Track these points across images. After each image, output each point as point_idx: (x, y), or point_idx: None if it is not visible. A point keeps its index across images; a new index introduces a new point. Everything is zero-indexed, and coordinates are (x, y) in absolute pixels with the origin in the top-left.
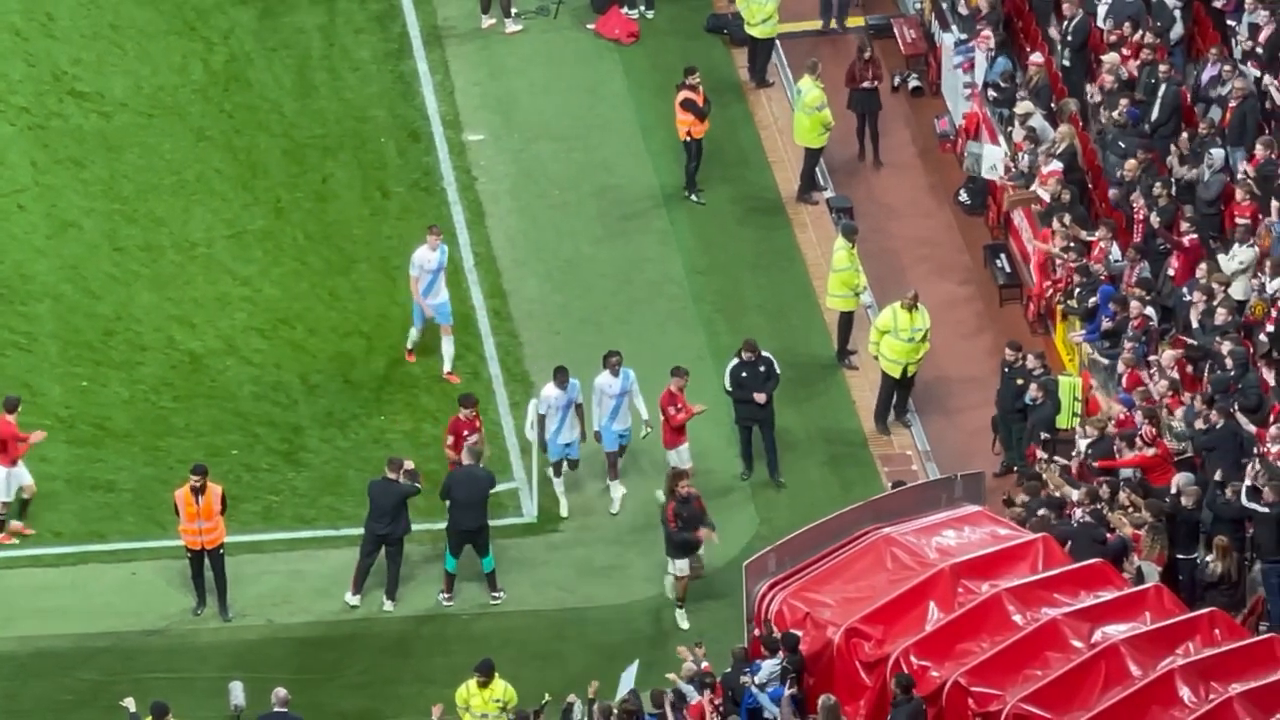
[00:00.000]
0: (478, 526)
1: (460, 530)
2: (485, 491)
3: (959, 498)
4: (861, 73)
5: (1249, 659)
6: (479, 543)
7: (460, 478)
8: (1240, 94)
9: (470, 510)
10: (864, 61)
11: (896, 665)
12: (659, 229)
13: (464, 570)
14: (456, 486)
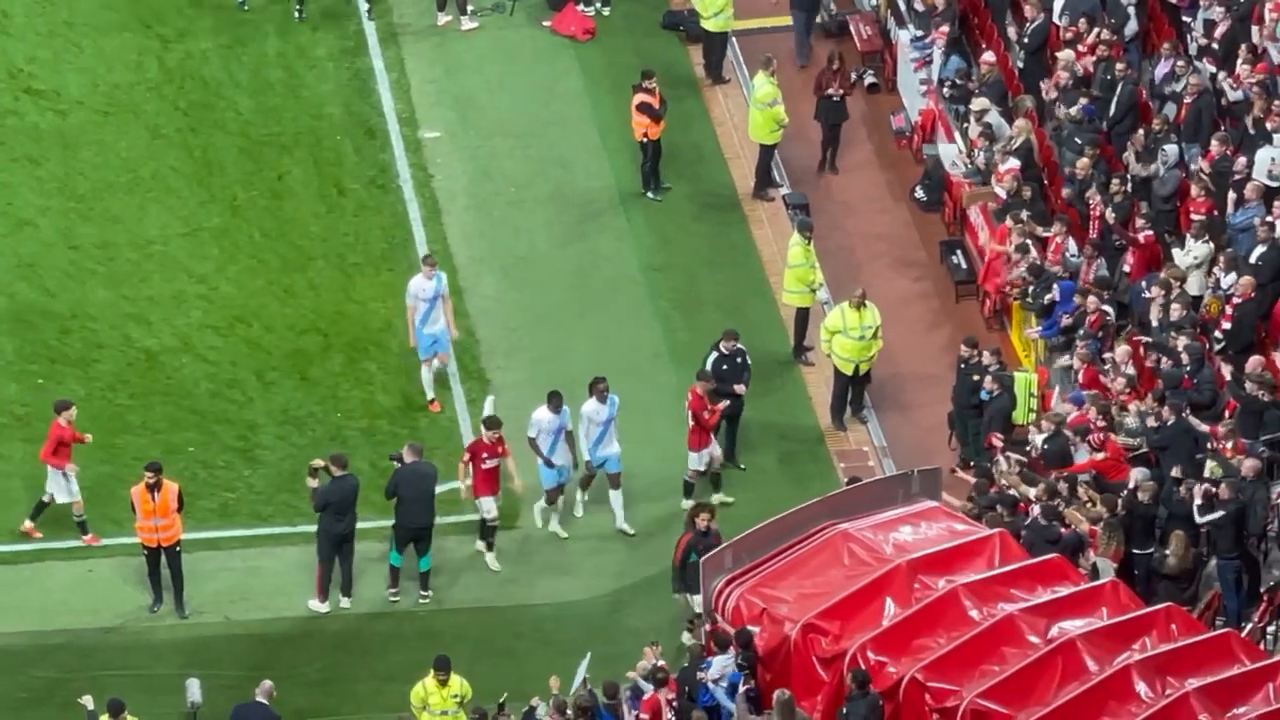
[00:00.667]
0: (426, 524)
1: (409, 527)
2: (432, 487)
3: (916, 493)
4: (829, 82)
5: (1205, 654)
6: (422, 541)
7: (407, 474)
8: (1195, 90)
9: (418, 506)
10: (832, 71)
11: (853, 661)
12: (615, 226)
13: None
14: (404, 484)
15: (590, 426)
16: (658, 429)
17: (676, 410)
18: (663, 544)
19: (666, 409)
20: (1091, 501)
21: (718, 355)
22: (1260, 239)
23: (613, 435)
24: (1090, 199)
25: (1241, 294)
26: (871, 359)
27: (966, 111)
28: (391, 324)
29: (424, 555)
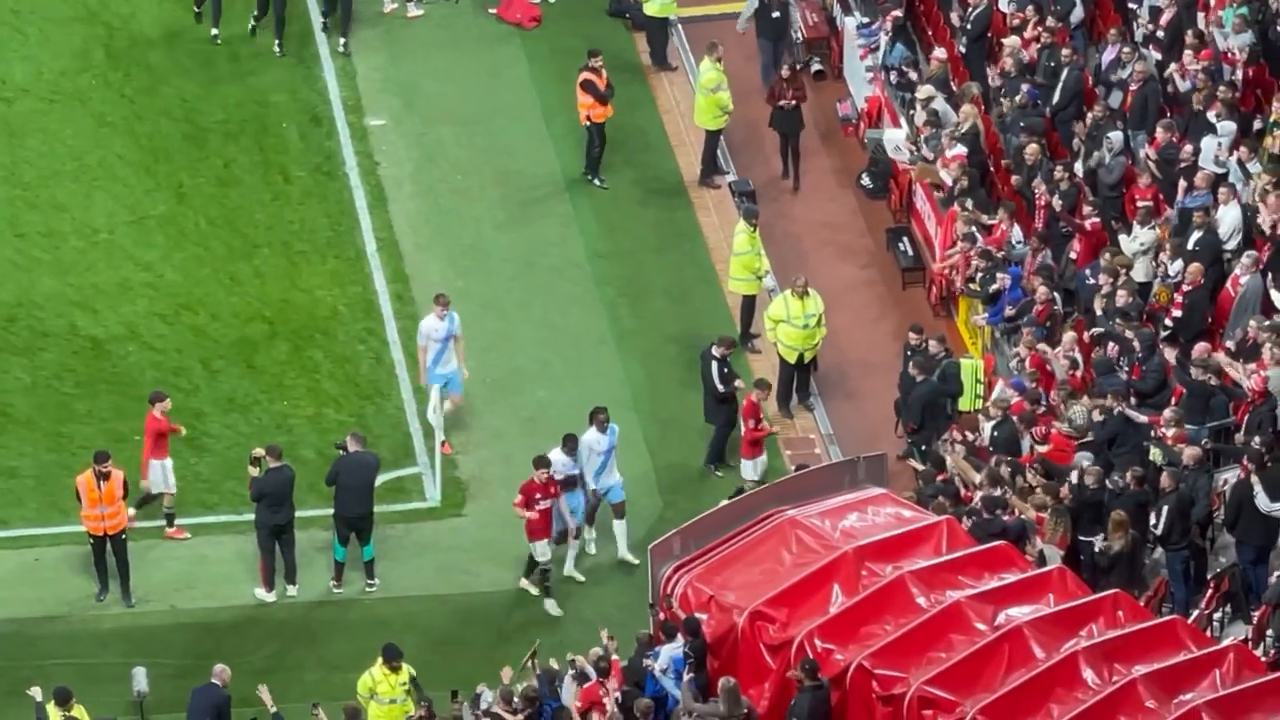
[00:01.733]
0: (364, 513)
1: (348, 516)
2: (372, 477)
3: (862, 480)
4: (783, 91)
5: (1152, 641)
6: (363, 530)
7: (347, 463)
8: (1141, 76)
9: (357, 495)
10: (785, 81)
11: (801, 648)
12: (561, 213)
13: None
14: (344, 472)
15: (592, 455)
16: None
17: (623, 398)
18: (606, 530)
19: (613, 396)
20: (1038, 488)
21: (719, 359)
22: (1198, 225)
23: (613, 465)
24: (1036, 187)
25: (1191, 281)
26: (816, 346)
27: (912, 99)
28: (338, 311)
29: (366, 544)
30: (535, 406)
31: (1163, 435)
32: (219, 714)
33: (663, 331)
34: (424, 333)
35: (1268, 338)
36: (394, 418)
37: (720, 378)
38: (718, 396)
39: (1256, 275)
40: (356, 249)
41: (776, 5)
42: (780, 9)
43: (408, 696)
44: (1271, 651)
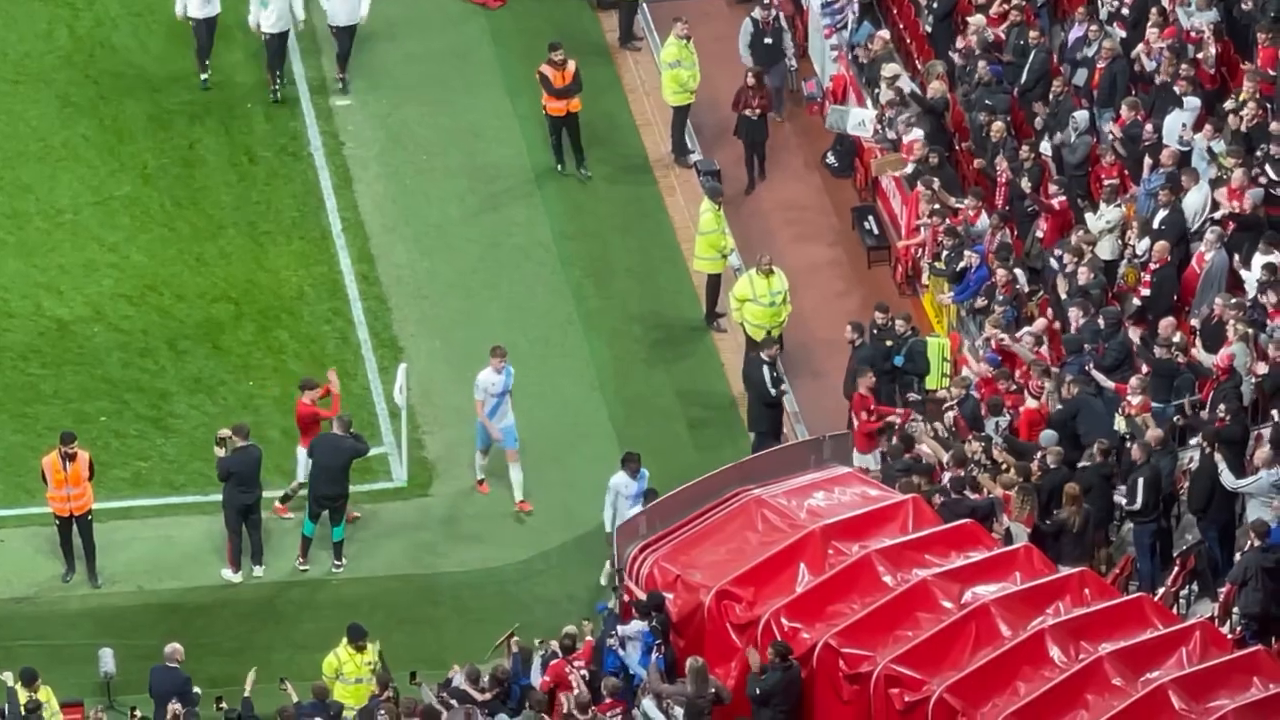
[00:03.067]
0: (337, 493)
1: (321, 495)
2: (347, 459)
3: (828, 459)
4: (748, 100)
5: (1118, 619)
6: (335, 510)
7: (323, 443)
8: (1109, 54)
9: (331, 476)
10: (750, 88)
11: (767, 627)
12: (526, 194)
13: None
14: (319, 452)
15: (620, 499)
16: (569, 396)
17: (586, 378)
18: (575, 510)
19: (578, 376)
20: (1006, 466)
21: (769, 365)
22: (1162, 203)
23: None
24: (998, 164)
25: (1158, 260)
26: (782, 324)
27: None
28: (304, 292)
29: (337, 525)
30: None
31: (1128, 404)
32: (184, 697)
33: (628, 311)
34: (481, 386)
35: (1232, 314)
36: (360, 398)
37: (772, 382)
38: (767, 401)
39: (1221, 251)
40: (322, 229)
41: (769, 31)
42: (773, 35)
43: (374, 676)
44: (1238, 629)
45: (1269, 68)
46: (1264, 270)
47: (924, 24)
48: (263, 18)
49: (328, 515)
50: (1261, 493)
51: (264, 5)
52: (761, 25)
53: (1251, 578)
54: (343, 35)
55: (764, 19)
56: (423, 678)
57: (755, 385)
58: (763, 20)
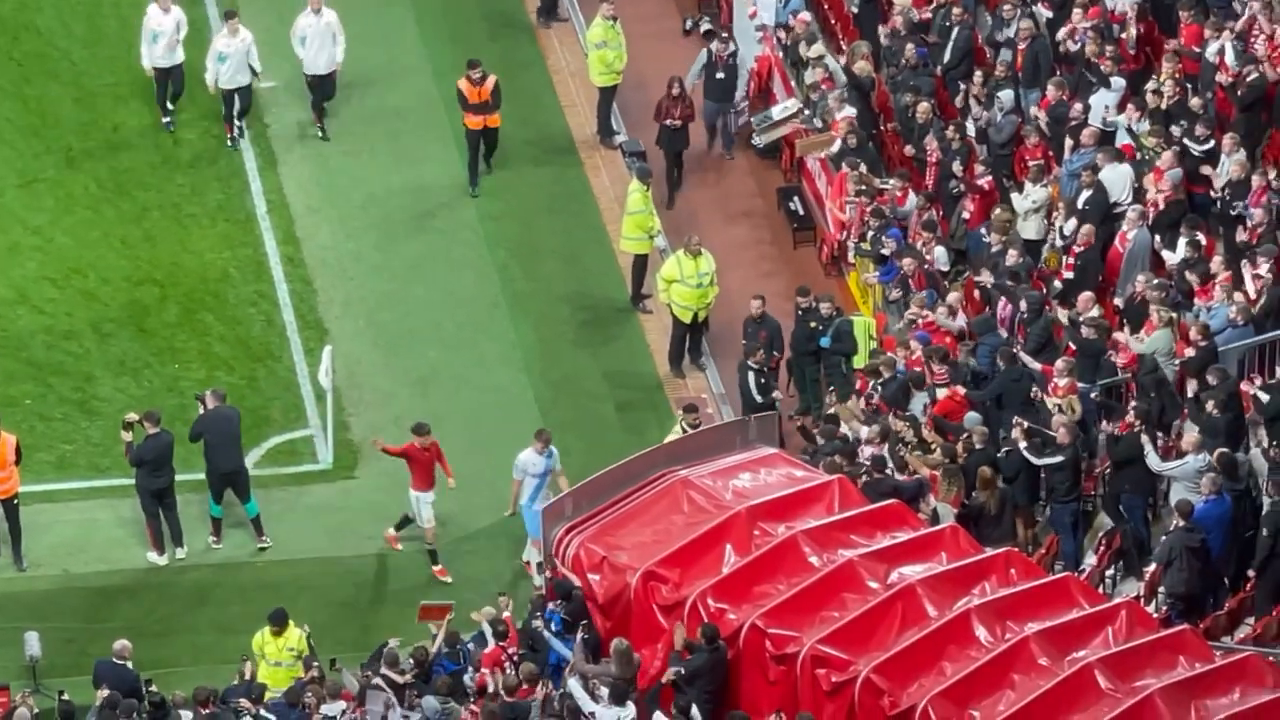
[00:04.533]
0: (235, 468)
1: (219, 473)
2: (236, 430)
3: (754, 440)
4: (670, 110)
5: (1044, 598)
6: (239, 486)
7: (209, 418)
8: (1028, 35)
9: (225, 451)
10: (673, 98)
11: (694, 608)
12: (452, 175)
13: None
14: (209, 429)
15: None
16: (495, 379)
17: (512, 360)
18: (501, 492)
19: (504, 358)
20: (936, 447)
21: (755, 372)
22: (1086, 183)
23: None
24: (927, 145)
25: (1083, 242)
26: (709, 306)
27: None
28: (229, 274)
29: (247, 501)
30: (427, 368)
31: (1054, 386)
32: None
33: (554, 292)
34: (520, 466)
35: (1155, 296)
36: (286, 380)
37: (759, 389)
38: (753, 407)
39: (1144, 230)
40: (247, 212)
41: (722, 66)
42: (726, 71)
43: (296, 660)
44: (1163, 608)
45: (1192, 45)
46: (1187, 248)
47: (850, 5)
48: (221, 71)
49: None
50: (1187, 477)
51: (221, 60)
52: (714, 59)
53: (1176, 557)
54: (318, 84)
55: (719, 53)
56: (343, 663)
57: (742, 392)
58: (717, 54)
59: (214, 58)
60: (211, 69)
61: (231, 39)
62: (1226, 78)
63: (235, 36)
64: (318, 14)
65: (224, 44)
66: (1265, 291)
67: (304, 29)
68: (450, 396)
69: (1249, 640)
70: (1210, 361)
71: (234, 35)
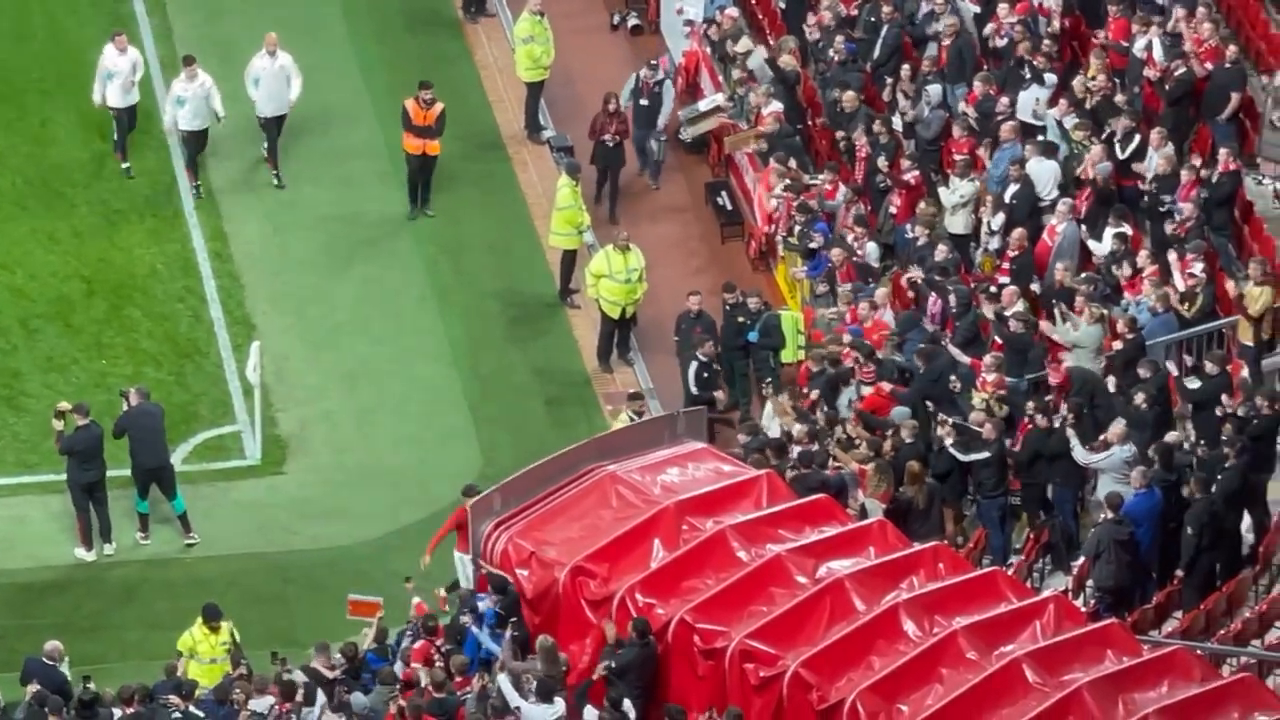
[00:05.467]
0: (159, 464)
1: (144, 469)
2: (161, 426)
3: (682, 434)
4: (605, 125)
5: (972, 593)
6: (164, 482)
7: (133, 415)
8: (953, 31)
9: (151, 446)
10: (608, 114)
11: (622, 603)
12: (379, 170)
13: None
14: (134, 425)
15: None
16: (423, 374)
17: (441, 355)
18: (430, 487)
19: (433, 353)
20: (862, 442)
21: (699, 364)
22: (1014, 178)
23: None
24: (856, 140)
25: (1016, 246)
26: (637, 301)
27: (732, 54)
28: (155, 270)
29: (173, 497)
30: (355, 362)
31: (984, 381)
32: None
33: (482, 287)
34: None
35: (1085, 291)
36: (213, 375)
37: (698, 381)
38: (691, 400)
39: (1072, 223)
40: (174, 207)
41: (647, 93)
42: (650, 98)
43: (228, 656)
44: (1091, 602)
45: (1120, 39)
46: (1115, 240)
47: (777, 0)
48: (180, 116)
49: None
50: (1114, 468)
51: (180, 104)
52: (641, 84)
53: (1105, 550)
54: (271, 126)
55: (645, 79)
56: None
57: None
58: (644, 80)
59: (172, 101)
60: (169, 112)
61: (189, 83)
62: (1154, 73)
63: (194, 81)
64: (272, 56)
65: (181, 88)
66: (1201, 291)
67: (258, 71)
68: (378, 391)
69: (1176, 634)
70: (1137, 355)
71: (192, 80)
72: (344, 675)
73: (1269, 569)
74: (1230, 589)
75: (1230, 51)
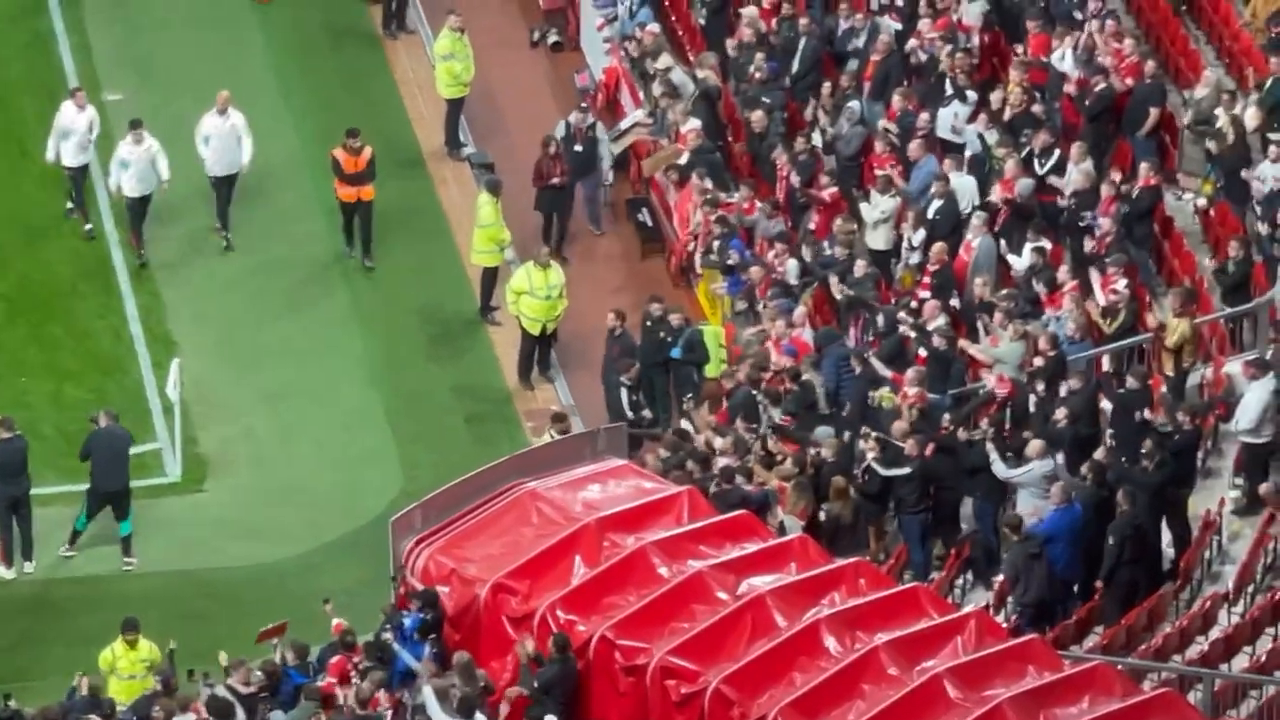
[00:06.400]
0: (120, 488)
1: (103, 492)
2: (125, 450)
3: (602, 451)
4: (550, 169)
5: (893, 608)
6: (120, 505)
7: (99, 437)
8: (884, 49)
9: (111, 470)
10: (551, 157)
11: (543, 620)
12: (301, 188)
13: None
14: (98, 447)
15: None
16: (343, 392)
17: (362, 373)
18: (352, 505)
19: (352, 372)
20: (784, 458)
21: (628, 389)
22: (937, 194)
23: None
24: (776, 159)
25: (936, 260)
26: (558, 318)
27: (652, 71)
28: (76, 287)
29: (123, 520)
30: (276, 383)
31: (905, 395)
32: None
33: (404, 305)
34: None
35: (1005, 308)
36: (133, 393)
37: (630, 405)
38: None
39: (987, 237)
40: (95, 224)
41: (581, 139)
42: (585, 145)
43: (148, 673)
44: (1013, 617)
45: (1040, 55)
46: (1033, 254)
47: (697, 16)
48: (124, 179)
49: None
50: (1033, 483)
51: (124, 166)
52: (573, 131)
53: (1022, 573)
54: (221, 186)
55: (577, 124)
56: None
57: (614, 409)
58: (575, 126)
59: (116, 164)
60: (114, 175)
61: (135, 147)
62: (1073, 88)
63: (139, 145)
64: (223, 115)
65: (127, 151)
66: (1124, 308)
67: (209, 129)
68: (299, 412)
69: (1098, 649)
70: (1058, 371)
71: (138, 144)
72: (263, 692)
73: (1189, 584)
74: (1151, 604)
75: (1149, 67)
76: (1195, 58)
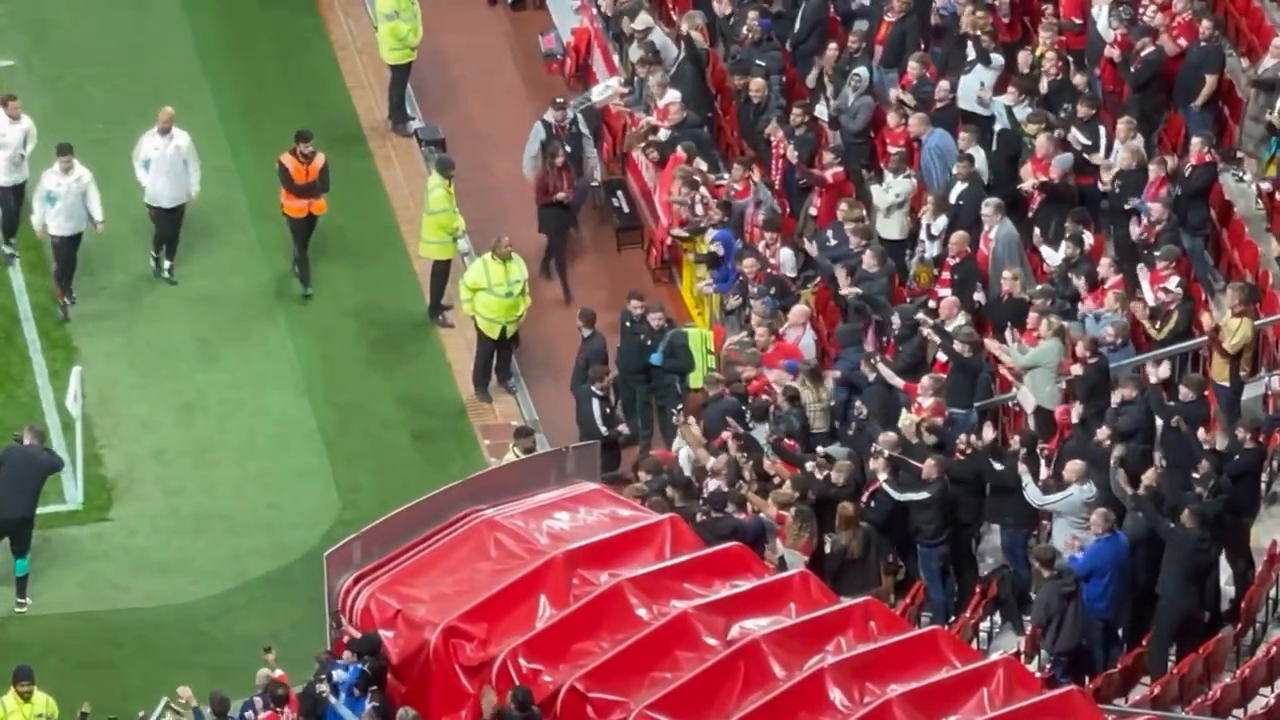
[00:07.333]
0: (23, 516)
1: (4, 518)
2: (40, 476)
3: (572, 474)
4: (555, 184)
5: (909, 655)
6: (20, 537)
7: (14, 455)
8: (901, 7)
9: (17, 494)
10: (556, 169)
11: (503, 669)
12: (220, 165)
13: None
14: (10, 465)
15: None
16: (271, 403)
17: (291, 382)
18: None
19: (280, 381)
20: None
21: (600, 399)
22: (961, 176)
23: None
24: (772, 135)
25: (957, 253)
26: (519, 319)
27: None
28: None
29: (21, 555)
30: (193, 392)
31: (918, 407)
32: None
33: (341, 303)
34: None
35: (1041, 305)
36: (28, 406)
37: (604, 419)
38: (603, 440)
39: (1005, 223)
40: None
41: (564, 139)
42: (571, 142)
43: None
44: (1046, 666)
45: (1072, 17)
46: (1069, 245)
47: None
48: (49, 217)
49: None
50: (1072, 511)
51: (50, 202)
52: (555, 130)
53: (1055, 615)
54: (164, 219)
55: (557, 122)
56: None
57: (585, 423)
58: (556, 124)
59: (41, 198)
60: (39, 211)
61: (63, 177)
62: (1115, 52)
63: (68, 175)
64: (165, 135)
65: (54, 182)
66: (1176, 309)
67: (148, 151)
68: (219, 425)
69: (1145, 702)
70: (1101, 381)
71: (66, 173)
72: None
73: (1252, 627)
74: (1208, 650)
75: (1205, 27)
76: (1259, 16)
